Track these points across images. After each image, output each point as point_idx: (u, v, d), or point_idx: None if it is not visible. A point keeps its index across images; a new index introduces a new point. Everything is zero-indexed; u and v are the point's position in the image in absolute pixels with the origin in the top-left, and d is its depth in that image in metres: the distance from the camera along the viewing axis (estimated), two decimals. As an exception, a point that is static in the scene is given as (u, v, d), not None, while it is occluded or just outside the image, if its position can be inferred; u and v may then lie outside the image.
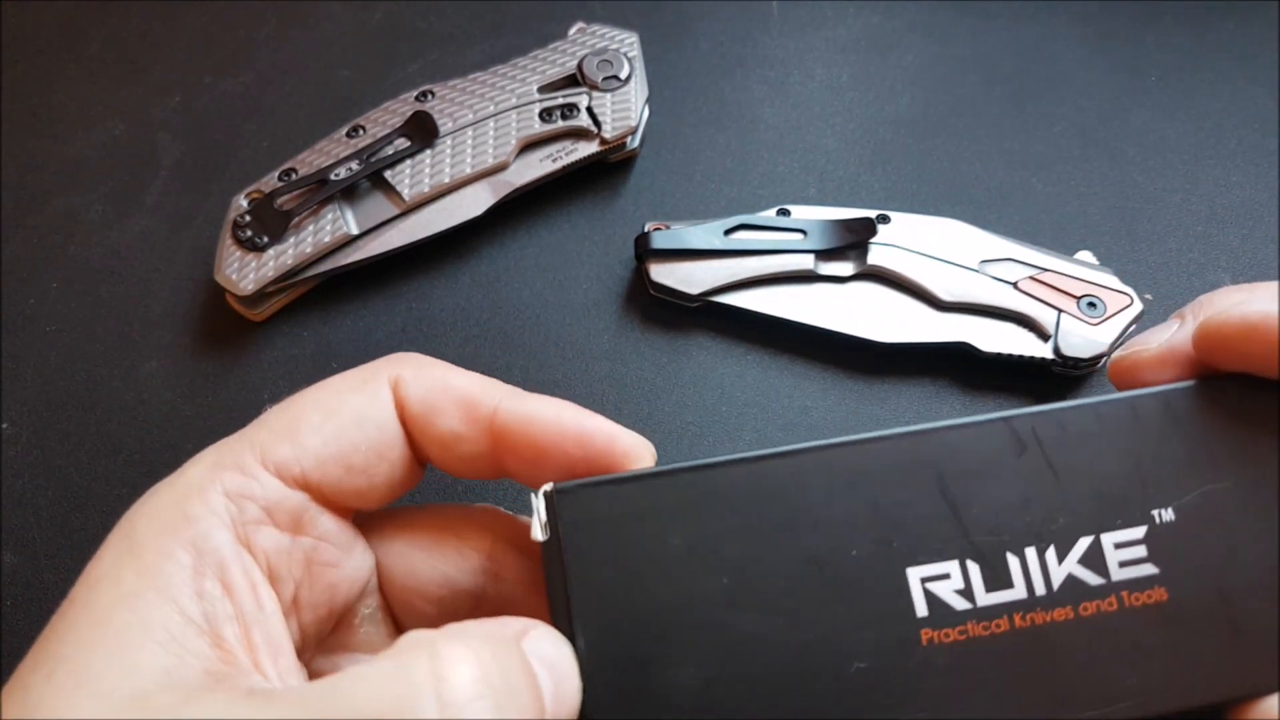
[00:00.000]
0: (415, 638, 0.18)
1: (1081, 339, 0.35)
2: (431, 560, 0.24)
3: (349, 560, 0.22)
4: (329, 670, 0.22)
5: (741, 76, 0.45)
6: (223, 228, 0.38)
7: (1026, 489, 0.21)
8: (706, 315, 0.38)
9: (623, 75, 0.41)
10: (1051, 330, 0.35)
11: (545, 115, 0.40)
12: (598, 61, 0.41)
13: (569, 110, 0.40)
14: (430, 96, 0.40)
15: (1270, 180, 0.41)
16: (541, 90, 0.40)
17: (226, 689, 0.18)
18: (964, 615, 0.20)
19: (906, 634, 0.20)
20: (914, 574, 0.20)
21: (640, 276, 0.39)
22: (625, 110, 0.40)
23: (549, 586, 0.20)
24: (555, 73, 0.41)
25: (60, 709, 0.17)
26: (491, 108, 0.40)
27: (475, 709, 0.17)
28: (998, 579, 0.21)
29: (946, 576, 0.20)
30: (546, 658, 0.19)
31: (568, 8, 0.46)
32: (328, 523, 0.22)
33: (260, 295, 0.37)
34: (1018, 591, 0.20)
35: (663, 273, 0.37)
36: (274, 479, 0.21)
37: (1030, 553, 0.21)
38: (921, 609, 0.20)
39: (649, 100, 0.42)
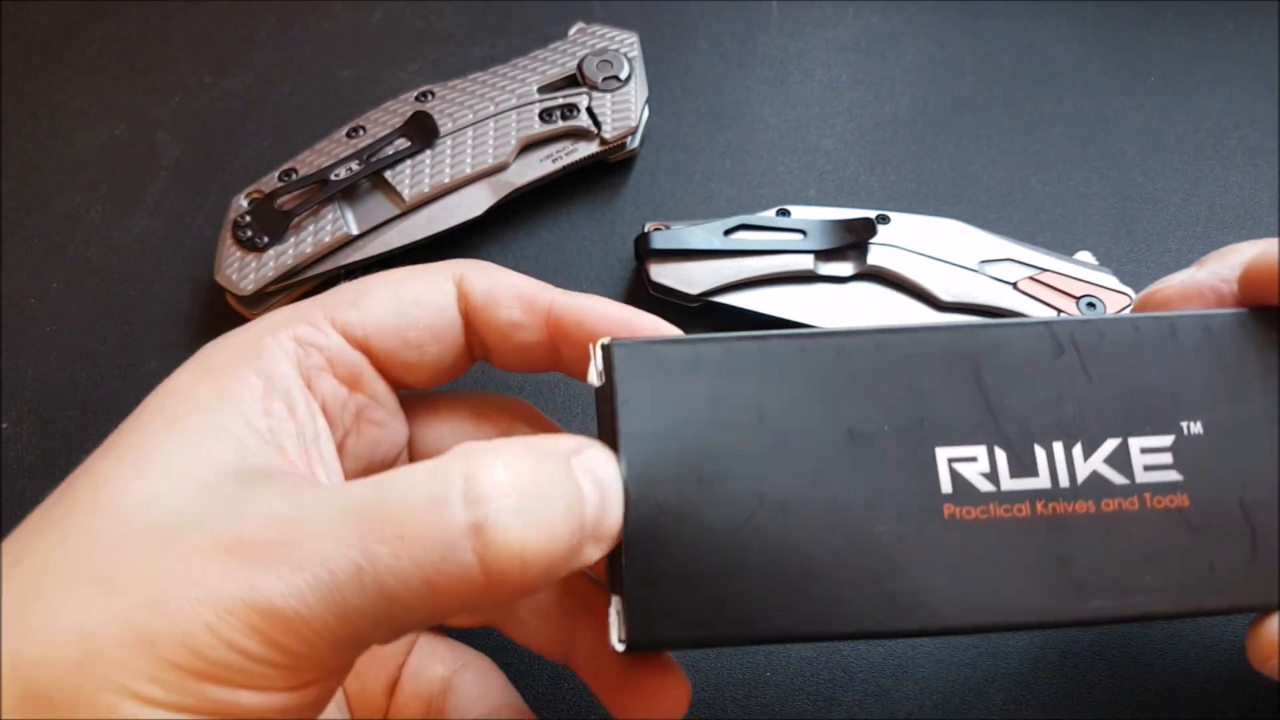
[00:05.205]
0: (461, 448, 0.19)
1: (1081, 339, 0.35)
2: (455, 437, 0.26)
3: (392, 424, 0.25)
4: None
5: (741, 77, 0.45)
6: (223, 228, 0.38)
7: (1060, 389, 0.22)
8: (706, 315, 0.38)
9: (623, 75, 0.41)
10: (1051, 330, 0.35)
11: (545, 115, 0.40)
12: (598, 62, 0.41)
13: (569, 110, 0.40)
14: (430, 97, 0.40)
15: (1270, 180, 0.41)
16: (541, 90, 0.40)
17: (284, 483, 0.19)
18: (987, 496, 0.21)
19: (930, 505, 0.21)
20: (942, 453, 0.21)
21: (640, 276, 0.39)
22: (625, 110, 0.40)
23: (600, 432, 0.22)
24: (555, 73, 0.41)
25: (124, 487, 0.18)
26: (491, 108, 0.40)
27: (499, 507, 0.18)
28: (1023, 467, 0.21)
29: (974, 459, 0.21)
30: (595, 472, 0.20)
31: (568, 8, 0.46)
32: (379, 386, 0.24)
33: (260, 295, 0.37)
34: (1041, 481, 0.21)
35: (663, 273, 0.37)
36: (339, 336, 0.23)
37: (1057, 446, 0.21)
38: (946, 486, 0.21)
39: (649, 100, 0.42)
